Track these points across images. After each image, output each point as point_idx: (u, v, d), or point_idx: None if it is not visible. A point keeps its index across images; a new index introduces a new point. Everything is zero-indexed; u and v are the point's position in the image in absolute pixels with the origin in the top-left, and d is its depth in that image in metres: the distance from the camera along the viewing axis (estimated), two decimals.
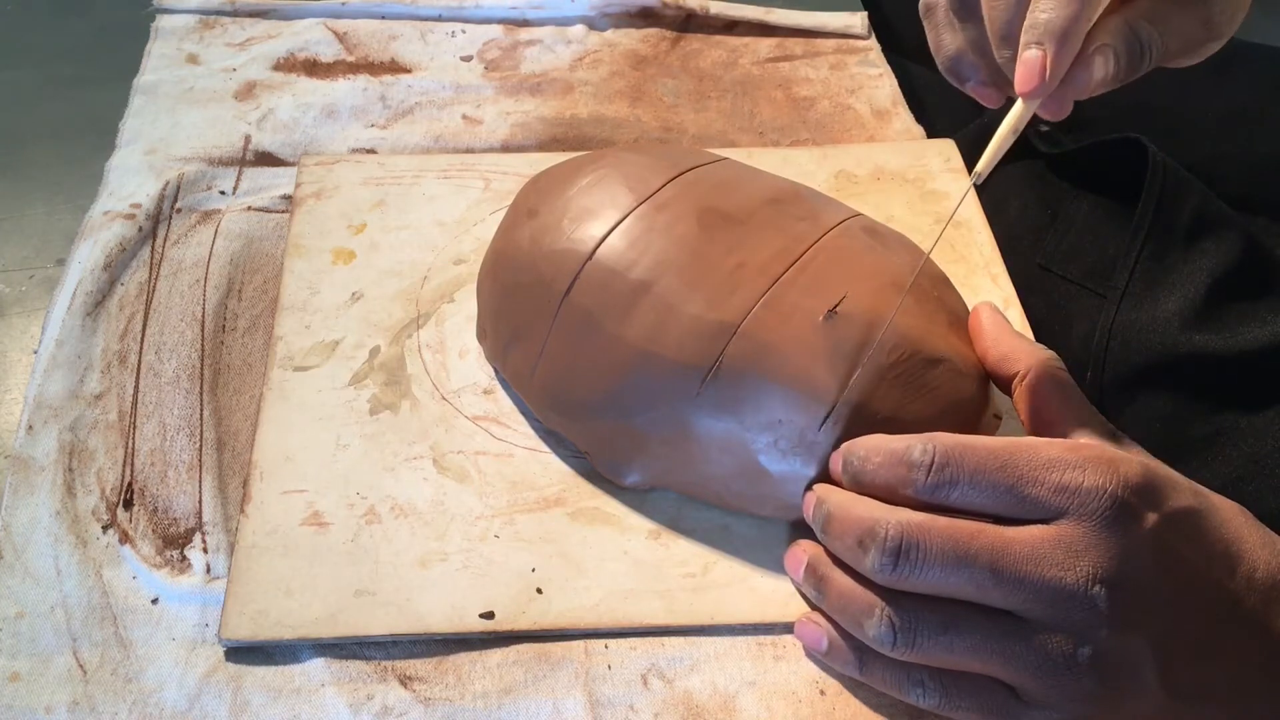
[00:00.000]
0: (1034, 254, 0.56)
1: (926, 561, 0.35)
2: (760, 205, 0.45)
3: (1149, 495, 0.35)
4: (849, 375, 0.40)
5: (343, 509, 0.44)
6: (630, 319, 0.43)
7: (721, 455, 0.42)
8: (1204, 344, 0.49)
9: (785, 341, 0.41)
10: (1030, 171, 0.60)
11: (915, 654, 0.36)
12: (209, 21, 0.68)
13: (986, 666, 0.36)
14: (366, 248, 0.54)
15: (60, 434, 0.47)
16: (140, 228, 0.55)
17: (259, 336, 0.51)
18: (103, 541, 0.44)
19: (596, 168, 0.47)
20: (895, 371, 0.41)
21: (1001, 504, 0.36)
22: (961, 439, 0.37)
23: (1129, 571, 0.34)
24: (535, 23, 0.70)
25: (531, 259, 0.45)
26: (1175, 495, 0.36)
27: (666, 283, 0.43)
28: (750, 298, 0.42)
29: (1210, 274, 0.50)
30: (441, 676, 0.40)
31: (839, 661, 0.39)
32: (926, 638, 0.36)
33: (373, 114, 0.63)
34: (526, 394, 0.46)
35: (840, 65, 0.68)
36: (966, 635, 0.35)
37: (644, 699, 0.40)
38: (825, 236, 0.44)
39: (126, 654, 0.40)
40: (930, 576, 0.35)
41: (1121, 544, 0.35)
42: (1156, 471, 0.37)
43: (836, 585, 0.38)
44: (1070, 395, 0.40)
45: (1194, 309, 0.50)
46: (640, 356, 0.42)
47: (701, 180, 0.46)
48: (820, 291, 0.42)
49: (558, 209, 0.46)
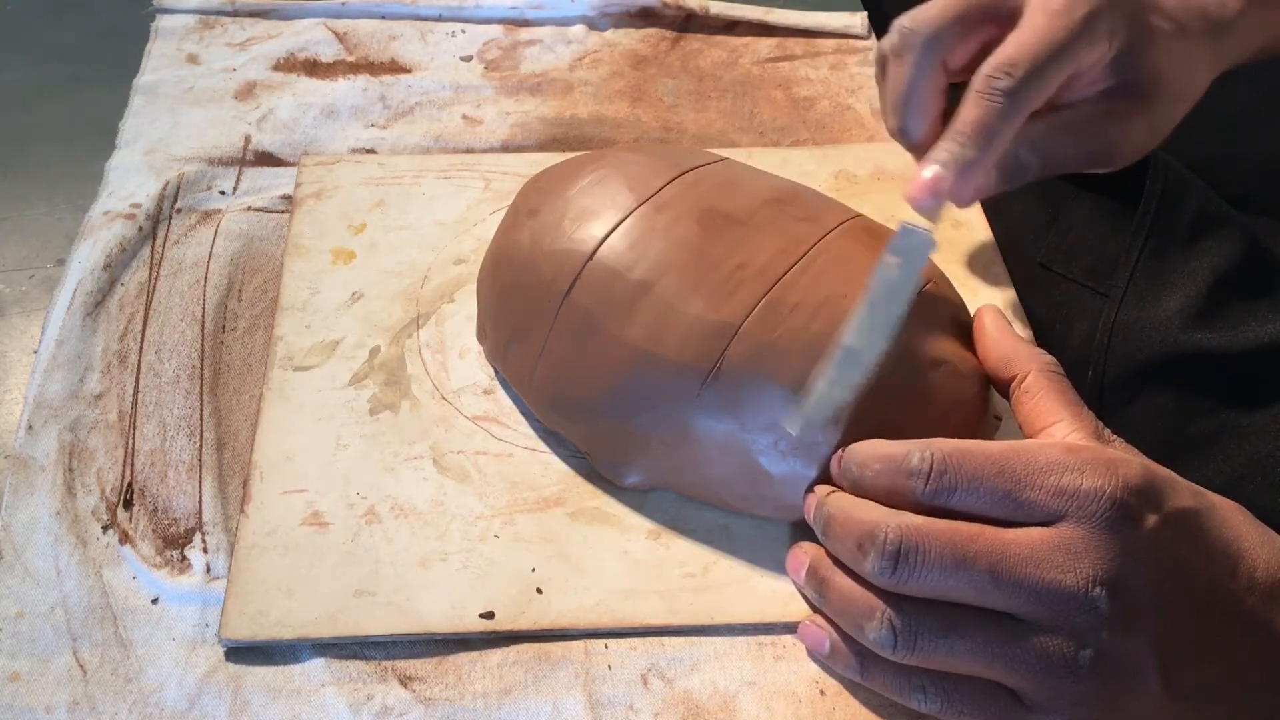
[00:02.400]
0: (1035, 253, 0.56)
1: (926, 565, 0.35)
2: (761, 206, 0.45)
3: (1148, 496, 0.35)
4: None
5: (343, 509, 0.44)
6: (631, 319, 0.42)
7: (722, 456, 0.42)
8: (1205, 342, 0.49)
9: (786, 342, 0.41)
10: None
11: (916, 657, 0.36)
12: (209, 21, 0.68)
13: (988, 670, 0.36)
14: (366, 248, 0.54)
15: (60, 434, 0.47)
16: (140, 228, 0.55)
17: (259, 336, 0.51)
18: (103, 541, 0.44)
19: (597, 168, 0.47)
20: (892, 372, 0.40)
21: (1001, 508, 0.36)
22: (959, 444, 0.37)
23: (1129, 573, 0.34)
24: (535, 23, 0.70)
25: (532, 259, 0.45)
26: (1174, 496, 0.36)
27: (667, 283, 0.43)
28: (751, 298, 0.42)
29: (1212, 272, 0.50)
30: (441, 676, 0.40)
31: (841, 664, 0.39)
32: (927, 640, 0.35)
33: (373, 114, 0.63)
34: (526, 394, 0.46)
35: (840, 65, 0.68)
36: (967, 638, 0.35)
37: (644, 699, 0.40)
38: (826, 237, 0.44)
39: (126, 654, 0.40)
40: (930, 580, 0.35)
41: (1121, 546, 0.34)
42: (1156, 473, 0.37)
43: (837, 588, 0.38)
44: (1066, 399, 0.40)
45: (1195, 308, 0.50)
46: (641, 357, 0.42)
47: (702, 180, 0.46)
48: (821, 292, 0.42)
49: (558, 209, 0.46)
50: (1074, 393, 0.41)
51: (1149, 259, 0.52)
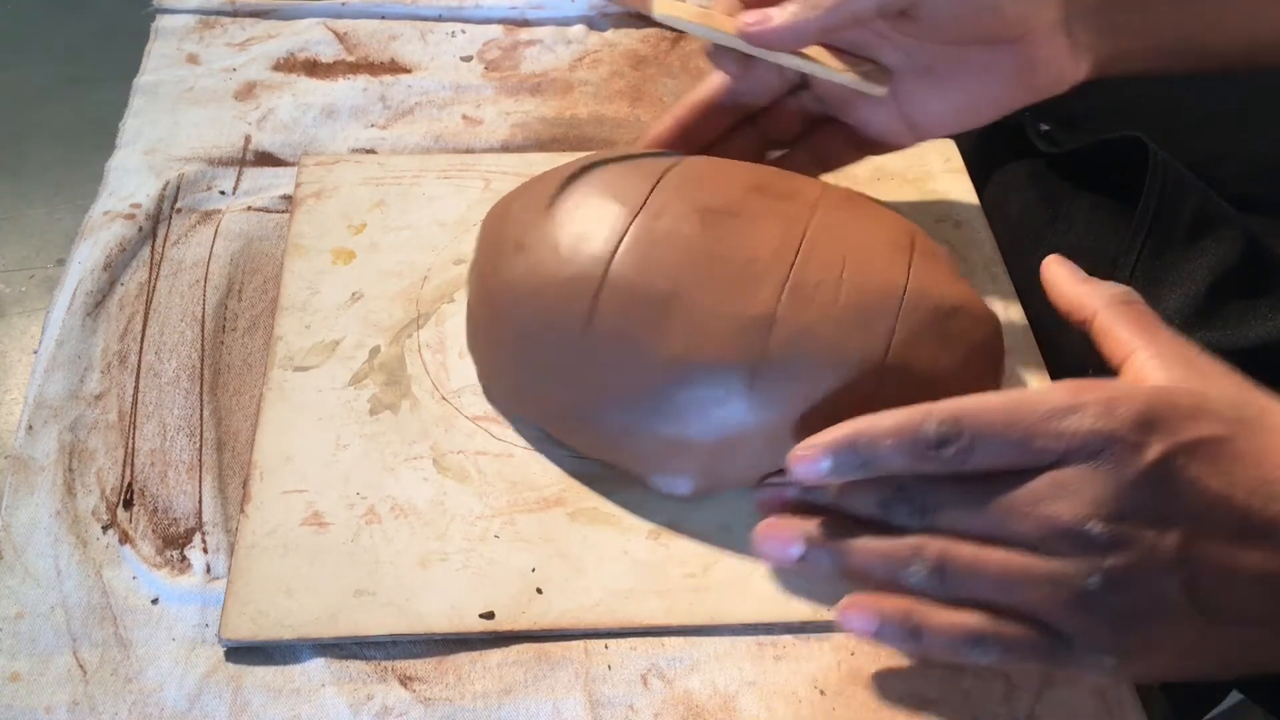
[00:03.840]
0: (1035, 253, 0.56)
1: (944, 506, 0.37)
2: (744, 194, 0.46)
3: (1151, 429, 0.36)
4: (889, 339, 0.42)
5: (343, 509, 0.44)
6: (665, 333, 0.42)
7: (778, 447, 0.41)
8: (1205, 342, 0.49)
9: (819, 322, 0.42)
10: (1031, 170, 0.60)
11: (955, 588, 0.37)
12: (209, 21, 0.68)
13: (1012, 599, 0.37)
14: (366, 248, 0.54)
15: (60, 434, 0.47)
16: (140, 228, 0.55)
17: (259, 336, 0.51)
18: (103, 541, 0.44)
19: (572, 187, 0.46)
20: (925, 326, 0.42)
21: (1012, 457, 0.37)
22: (963, 405, 0.38)
23: (1128, 503, 0.36)
24: (535, 23, 0.70)
25: (537, 294, 0.44)
26: (1192, 426, 0.37)
27: (689, 289, 0.42)
28: (775, 286, 0.42)
29: (1211, 272, 0.50)
30: (441, 676, 0.40)
31: (892, 638, 0.39)
32: (958, 577, 0.37)
33: (373, 114, 0.63)
34: (565, 430, 0.45)
35: None
36: (992, 570, 0.37)
37: (644, 699, 0.40)
38: (816, 215, 0.45)
39: (126, 654, 0.40)
40: (956, 520, 0.37)
41: (1117, 479, 0.36)
42: (1168, 403, 0.37)
43: (860, 546, 0.39)
44: (1138, 326, 0.41)
45: (1195, 307, 0.50)
46: (684, 367, 0.42)
47: (682, 180, 0.46)
48: (836, 267, 0.43)
49: (549, 237, 0.45)
50: (1150, 315, 0.41)
51: (1148, 259, 0.52)
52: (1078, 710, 0.40)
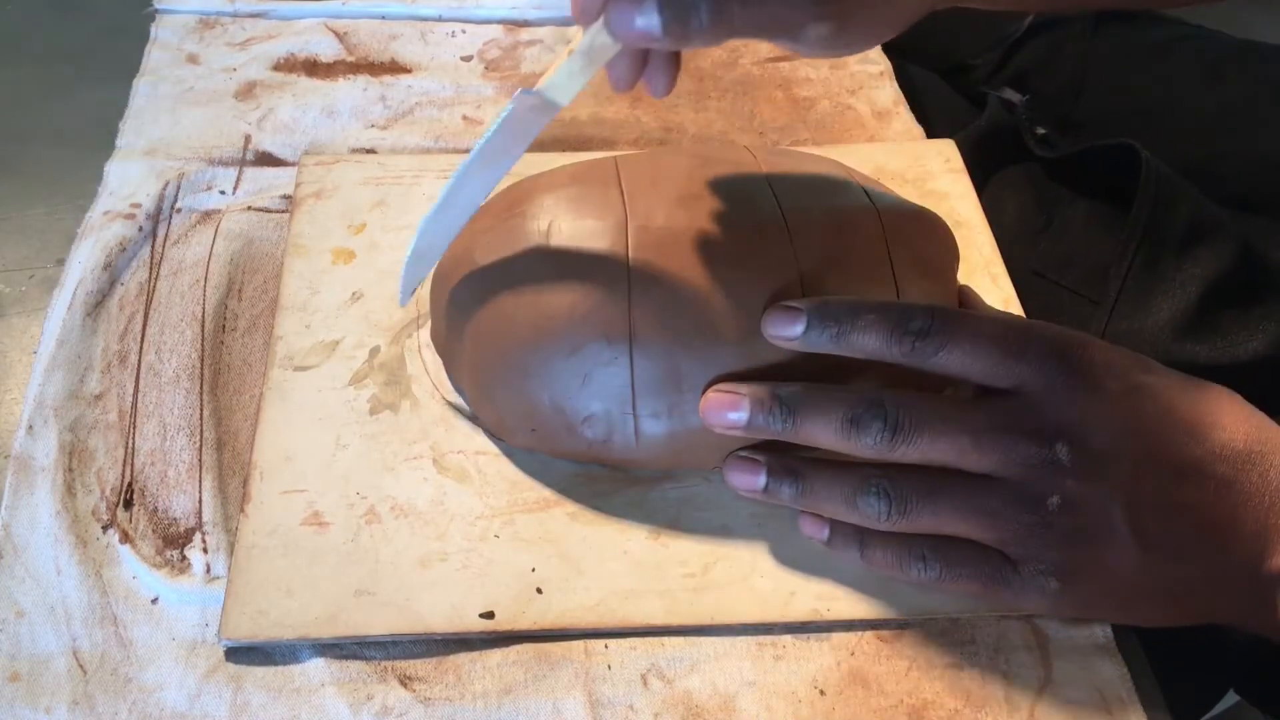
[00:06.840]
0: (1029, 259, 0.56)
1: (918, 430, 0.38)
2: (690, 176, 0.45)
3: (1112, 370, 0.38)
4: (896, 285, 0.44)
5: (343, 509, 0.44)
6: (717, 331, 0.41)
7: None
8: (1196, 354, 0.49)
9: (845, 255, 0.43)
10: (1027, 175, 0.60)
11: (905, 521, 0.38)
12: (209, 21, 0.68)
13: (970, 527, 0.38)
14: (366, 248, 0.54)
15: (60, 434, 0.47)
16: (140, 228, 0.55)
17: (259, 336, 0.51)
18: (103, 541, 0.44)
19: (536, 214, 0.44)
20: (921, 256, 0.44)
21: (982, 371, 0.38)
22: (948, 311, 0.39)
23: (1091, 430, 0.37)
24: (535, 23, 0.70)
25: (555, 335, 0.42)
26: (1149, 374, 0.39)
27: (711, 282, 0.41)
28: (786, 244, 0.43)
29: (1202, 282, 0.51)
30: (441, 676, 0.40)
31: (841, 547, 0.41)
32: (914, 504, 0.38)
33: (373, 114, 0.63)
34: (632, 457, 0.43)
35: (840, 65, 0.68)
36: (951, 497, 0.38)
37: (644, 699, 0.40)
38: (772, 174, 0.46)
39: (126, 654, 0.41)
40: (919, 446, 0.38)
41: (1082, 407, 0.38)
42: (1131, 354, 0.40)
43: (818, 473, 0.40)
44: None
45: (1186, 318, 0.50)
46: (748, 353, 0.41)
47: (634, 178, 0.45)
48: (823, 228, 0.44)
49: (545, 271, 0.43)
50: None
51: (1140, 268, 0.52)
52: (1078, 710, 0.40)
